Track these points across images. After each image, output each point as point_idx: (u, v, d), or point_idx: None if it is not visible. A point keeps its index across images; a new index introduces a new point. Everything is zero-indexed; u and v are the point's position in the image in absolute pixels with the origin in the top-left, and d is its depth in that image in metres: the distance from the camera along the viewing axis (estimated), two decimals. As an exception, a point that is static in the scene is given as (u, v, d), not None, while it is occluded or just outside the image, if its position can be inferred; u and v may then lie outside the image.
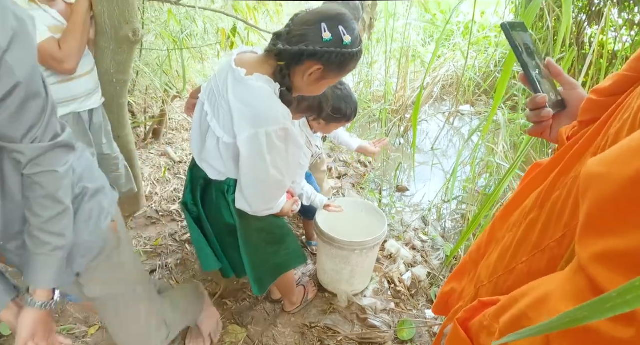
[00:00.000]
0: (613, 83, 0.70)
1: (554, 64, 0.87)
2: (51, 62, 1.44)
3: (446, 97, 4.30)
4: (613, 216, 0.40)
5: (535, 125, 0.87)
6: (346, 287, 1.99)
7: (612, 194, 0.40)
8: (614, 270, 0.38)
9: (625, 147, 0.42)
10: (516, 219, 0.88)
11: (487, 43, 4.40)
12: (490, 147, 2.72)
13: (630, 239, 0.37)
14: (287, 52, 1.09)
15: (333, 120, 1.69)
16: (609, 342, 0.37)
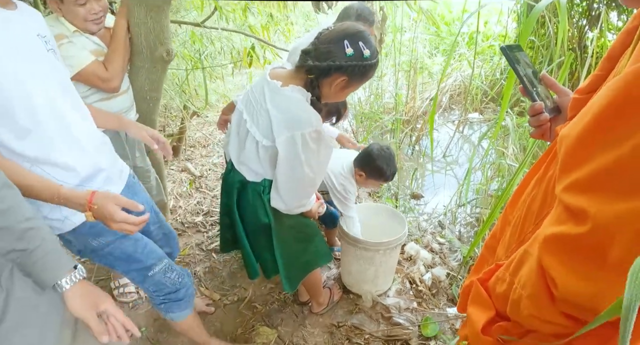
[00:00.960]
0: (589, 82, 0.85)
1: (547, 76, 1.03)
2: (98, 82, 1.57)
3: (455, 106, 4.41)
4: (574, 159, 0.60)
5: (536, 129, 1.02)
6: (370, 288, 2.06)
7: (572, 145, 0.60)
8: (575, 194, 0.58)
9: (580, 114, 0.62)
10: (522, 200, 1.01)
11: (491, 52, 4.53)
12: (500, 151, 2.80)
13: (579, 173, 0.57)
14: (317, 67, 1.27)
15: (372, 177, 1.94)
16: (575, 239, 0.57)
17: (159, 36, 1.68)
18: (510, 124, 2.84)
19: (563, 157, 0.64)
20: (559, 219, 0.62)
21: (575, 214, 0.58)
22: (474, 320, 0.89)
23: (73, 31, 1.56)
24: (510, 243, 1.04)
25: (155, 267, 1.38)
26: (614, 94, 0.56)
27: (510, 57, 1.01)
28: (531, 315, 0.69)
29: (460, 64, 4.42)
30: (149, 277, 1.37)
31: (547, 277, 0.63)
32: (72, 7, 1.50)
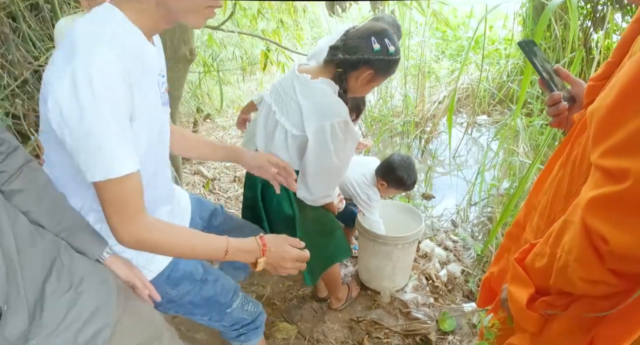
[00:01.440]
0: (603, 70, 0.93)
1: (562, 69, 1.09)
2: None
3: (462, 109, 4.45)
4: (607, 128, 0.66)
5: (554, 118, 1.08)
6: (388, 284, 2.09)
7: (603, 116, 0.67)
8: (612, 158, 0.65)
9: (607, 89, 0.69)
10: (548, 184, 1.06)
11: (497, 55, 4.58)
12: (511, 149, 2.84)
13: (614, 139, 0.64)
14: (347, 60, 1.36)
15: (393, 186, 2.01)
16: (619, 196, 0.63)
17: (182, 36, 1.73)
18: (520, 124, 2.88)
19: (596, 127, 0.70)
20: (597, 183, 0.67)
21: (615, 175, 0.64)
22: (516, 298, 0.92)
23: None
24: (540, 225, 1.07)
25: (233, 303, 1.30)
26: (636, 68, 0.63)
27: (528, 51, 1.08)
28: (580, 278, 0.73)
29: (467, 67, 4.48)
30: (227, 314, 1.30)
31: (595, 237, 0.68)
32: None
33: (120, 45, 0.82)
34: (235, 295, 1.30)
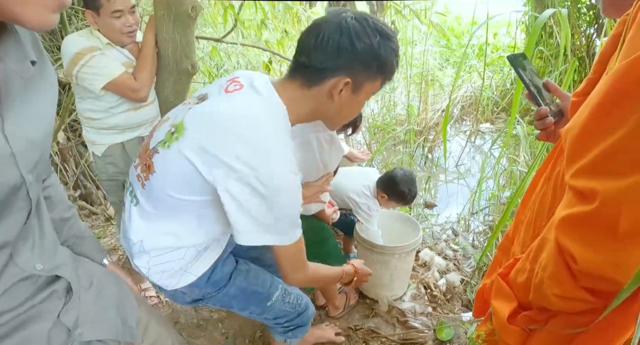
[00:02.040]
0: (584, 85, 0.98)
1: (551, 83, 1.12)
2: (128, 92, 1.67)
3: (466, 117, 4.46)
4: (579, 148, 0.69)
5: (542, 132, 1.10)
6: (386, 293, 2.10)
7: (576, 136, 0.70)
8: (582, 178, 0.67)
9: (580, 109, 0.72)
10: (533, 199, 1.08)
11: (501, 63, 4.59)
12: (512, 158, 2.85)
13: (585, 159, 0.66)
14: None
15: (394, 199, 2.04)
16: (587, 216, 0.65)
17: (184, 50, 1.78)
18: (521, 132, 2.89)
19: (569, 147, 0.72)
20: (569, 203, 0.70)
21: (585, 195, 0.66)
22: (499, 312, 0.94)
23: (105, 44, 1.67)
24: (525, 239, 1.10)
25: (273, 296, 1.28)
26: (606, 88, 0.66)
27: (516, 65, 1.09)
28: (554, 294, 0.75)
29: (470, 75, 4.50)
30: (267, 307, 1.29)
31: (566, 255, 0.70)
32: (108, 20, 1.61)
33: None
34: (273, 287, 1.28)
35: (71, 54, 1.60)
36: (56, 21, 0.58)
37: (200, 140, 0.92)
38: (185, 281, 1.13)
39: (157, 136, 1.03)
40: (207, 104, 0.98)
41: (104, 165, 1.84)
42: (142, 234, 1.08)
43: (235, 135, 0.90)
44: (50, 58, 2.46)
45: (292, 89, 1.00)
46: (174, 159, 0.96)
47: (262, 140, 0.91)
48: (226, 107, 0.94)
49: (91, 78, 1.63)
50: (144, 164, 1.03)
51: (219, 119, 0.93)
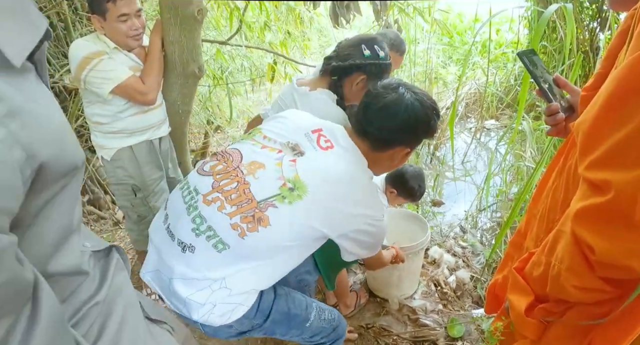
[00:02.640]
0: (594, 80, 0.99)
1: (561, 78, 1.12)
2: (136, 95, 1.69)
3: (471, 114, 4.45)
4: (591, 141, 0.70)
5: (552, 128, 1.11)
6: (396, 292, 2.10)
7: (588, 129, 0.71)
8: (596, 170, 0.68)
9: (591, 103, 0.72)
10: (546, 193, 1.08)
11: (505, 59, 4.58)
12: (519, 154, 2.84)
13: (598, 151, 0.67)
14: (340, 67, 1.45)
15: (402, 195, 2.04)
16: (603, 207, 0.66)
17: (191, 53, 1.79)
18: (527, 128, 2.88)
19: (581, 140, 0.73)
20: (584, 195, 0.71)
21: (599, 186, 0.67)
22: (515, 306, 0.95)
23: (112, 48, 1.68)
24: (539, 234, 1.09)
25: (310, 315, 1.30)
26: (617, 82, 0.67)
27: (526, 61, 1.09)
28: (573, 286, 0.76)
29: (474, 72, 4.49)
30: (307, 328, 1.30)
31: (583, 246, 0.71)
32: (114, 24, 1.63)
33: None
34: (309, 307, 1.30)
35: (79, 58, 1.62)
36: None
37: (325, 204, 1.09)
38: (237, 314, 1.11)
39: (260, 189, 1.09)
40: (314, 159, 1.13)
41: (113, 169, 1.85)
42: (226, 272, 1.08)
43: (352, 198, 1.13)
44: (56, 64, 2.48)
45: (363, 149, 1.21)
46: (297, 217, 1.07)
47: (369, 194, 1.18)
48: (337, 167, 1.13)
49: (99, 82, 1.64)
50: (251, 216, 1.06)
51: (337, 181, 1.11)
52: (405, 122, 1.15)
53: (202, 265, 1.08)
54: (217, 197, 1.11)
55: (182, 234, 1.12)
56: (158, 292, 1.16)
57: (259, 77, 3.43)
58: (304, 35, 4.08)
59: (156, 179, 1.93)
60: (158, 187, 1.95)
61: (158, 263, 1.16)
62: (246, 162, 1.14)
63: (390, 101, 1.16)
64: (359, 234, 1.17)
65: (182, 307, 1.10)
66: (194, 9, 1.71)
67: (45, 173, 0.47)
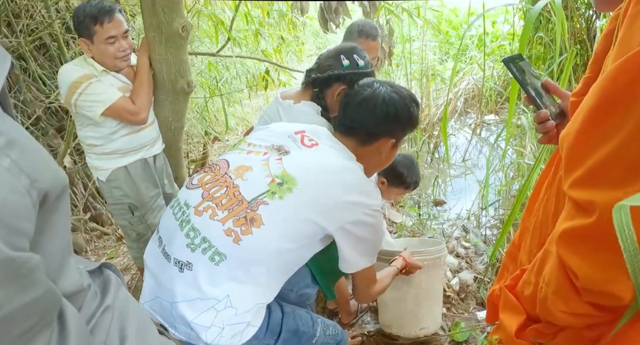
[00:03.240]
0: (582, 85, 0.93)
1: (550, 82, 1.07)
2: (127, 115, 1.69)
3: (470, 110, 4.42)
4: (575, 156, 0.66)
5: (543, 135, 1.06)
6: (413, 324, 1.78)
7: (571, 143, 0.66)
8: (580, 189, 0.64)
9: (575, 115, 0.69)
10: (537, 206, 1.05)
11: (502, 52, 4.54)
12: (519, 151, 2.82)
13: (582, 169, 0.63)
14: (320, 79, 1.47)
15: (394, 185, 1.92)
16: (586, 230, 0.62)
17: (179, 70, 1.79)
18: (526, 123, 2.85)
19: (565, 155, 0.69)
20: (569, 214, 0.67)
21: (583, 207, 0.63)
22: (506, 326, 0.92)
23: (101, 71, 1.69)
24: (532, 248, 1.06)
25: (317, 331, 1.28)
26: (600, 94, 0.63)
27: (513, 68, 1.04)
28: (560, 310, 0.72)
29: (471, 67, 4.45)
30: (313, 344, 1.28)
31: (568, 270, 0.67)
32: (102, 46, 1.63)
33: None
34: (315, 323, 1.28)
35: (68, 83, 1.63)
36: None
37: (315, 192, 1.09)
38: (248, 335, 1.08)
39: (249, 189, 1.09)
40: (300, 156, 1.15)
41: (109, 189, 1.86)
42: (228, 288, 1.05)
43: (342, 183, 1.11)
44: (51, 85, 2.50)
45: (350, 147, 1.22)
46: (290, 211, 1.06)
47: (361, 182, 1.15)
48: (324, 160, 1.15)
49: (90, 105, 1.65)
50: (243, 217, 1.06)
51: (325, 171, 1.12)
52: (385, 112, 1.18)
53: (203, 282, 1.05)
54: (208, 206, 1.10)
55: (177, 253, 1.10)
56: (160, 321, 1.12)
57: (255, 84, 3.44)
58: (298, 39, 4.07)
59: (153, 196, 1.94)
60: (155, 204, 1.95)
61: (157, 289, 1.13)
62: (233, 168, 1.15)
63: (368, 95, 1.20)
64: (358, 227, 1.11)
65: (190, 331, 1.07)
66: (178, 26, 1.71)
67: (47, 196, 0.50)
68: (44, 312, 0.43)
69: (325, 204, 1.09)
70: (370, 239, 1.17)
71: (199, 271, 1.06)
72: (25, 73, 2.56)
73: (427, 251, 1.73)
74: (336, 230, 1.10)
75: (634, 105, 0.58)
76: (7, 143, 0.44)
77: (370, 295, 1.34)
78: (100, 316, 0.65)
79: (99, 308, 0.66)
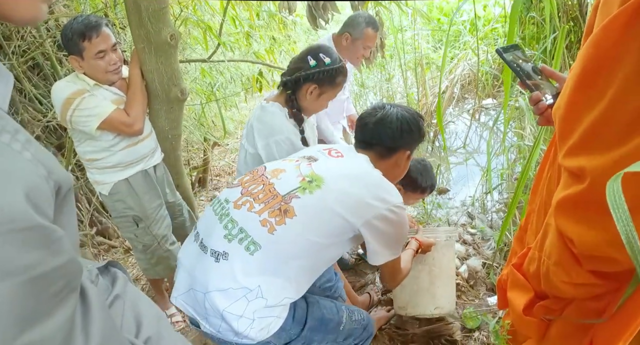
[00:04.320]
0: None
1: (546, 67, 1.10)
2: (122, 127, 1.70)
3: (467, 95, 4.40)
4: (567, 126, 0.67)
5: (541, 117, 1.08)
6: (428, 301, 1.80)
7: (563, 114, 0.68)
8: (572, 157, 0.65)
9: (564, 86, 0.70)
10: (542, 186, 1.05)
11: (495, 35, 4.51)
12: (519, 133, 2.80)
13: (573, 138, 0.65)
14: (289, 81, 1.57)
15: (409, 190, 1.93)
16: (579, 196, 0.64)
17: (171, 78, 1.80)
18: (524, 105, 2.84)
19: (558, 127, 0.70)
20: (565, 184, 0.69)
21: (576, 174, 0.65)
22: (514, 304, 0.92)
23: (93, 85, 1.70)
24: (538, 228, 1.07)
25: (343, 318, 1.34)
26: (584, 59, 0.64)
27: (505, 57, 1.08)
28: (562, 281, 0.73)
29: (465, 52, 4.43)
30: (341, 331, 1.33)
31: (565, 238, 0.69)
32: (92, 62, 1.64)
33: None
34: (340, 311, 1.35)
35: (61, 100, 1.64)
36: (46, 12, 0.57)
37: (341, 190, 1.19)
38: (275, 327, 1.14)
39: (283, 185, 1.21)
40: (328, 162, 1.29)
41: (113, 203, 1.87)
42: (260, 279, 1.11)
43: (365, 183, 1.22)
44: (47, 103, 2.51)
45: (371, 159, 1.35)
46: (319, 204, 1.16)
47: (383, 183, 1.26)
48: (347, 165, 1.30)
49: (85, 120, 1.66)
50: (277, 209, 1.16)
51: (350, 173, 1.25)
52: (400, 128, 1.33)
53: (237, 271, 1.12)
54: (246, 200, 1.21)
55: (214, 244, 1.17)
56: (192, 314, 1.18)
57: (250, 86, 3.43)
58: (289, 38, 4.07)
59: (156, 207, 1.95)
60: (159, 215, 1.96)
61: (191, 282, 1.19)
62: (269, 170, 1.30)
63: (382, 116, 1.34)
64: (382, 222, 1.19)
65: (220, 322, 1.12)
66: (167, 35, 1.71)
67: (60, 189, 0.53)
68: (70, 277, 0.47)
69: (351, 201, 1.18)
70: (394, 234, 1.25)
71: (235, 261, 1.13)
72: (20, 94, 2.58)
73: (437, 230, 1.84)
74: (362, 225, 1.18)
75: (617, 67, 0.58)
76: (27, 140, 0.48)
77: (397, 282, 1.46)
78: (112, 303, 0.69)
79: (109, 297, 0.71)
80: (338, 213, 1.16)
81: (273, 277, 1.12)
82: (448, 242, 1.83)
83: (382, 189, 1.23)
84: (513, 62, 1.06)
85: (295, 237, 1.14)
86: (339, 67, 1.55)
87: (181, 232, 2.22)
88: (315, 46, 1.59)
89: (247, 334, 1.09)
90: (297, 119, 1.61)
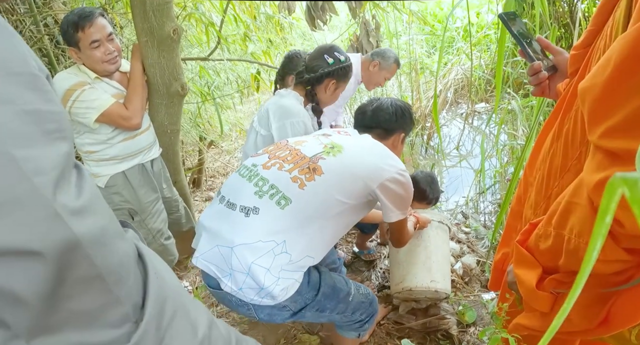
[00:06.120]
0: (584, 38, 0.94)
1: (543, 39, 1.11)
2: (120, 121, 1.71)
3: (461, 100, 4.46)
4: (604, 107, 0.65)
5: (536, 88, 1.09)
6: (424, 274, 1.83)
7: (599, 94, 0.66)
8: (614, 139, 0.64)
9: (598, 66, 0.68)
10: (541, 159, 1.06)
11: (488, 41, 4.59)
12: (511, 134, 2.85)
13: (616, 117, 0.63)
14: (313, 78, 1.74)
15: (416, 200, 2.05)
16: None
17: (172, 73, 1.81)
18: (517, 107, 2.90)
19: (592, 106, 0.68)
20: (601, 164, 0.66)
21: (620, 156, 0.63)
22: (525, 280, 0.91)
23: (94, 78, 1.70)
24: (538, 201, 1.07)
25: (351, 289, 1.42)
26: (633, 43, 0.62)
27: (508, 23, 1.08)
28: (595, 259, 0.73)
29: (459, 58, 4.50)
30: (350, 302, 1.40)
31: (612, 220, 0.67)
32: (88, 52, 1.64)
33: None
34: (347, 282, 1.44)
35: (62, 91, 1.64)
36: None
37: (357, 157, 1.32)
38: (293, 289, 1.20)
39: (308, 149, 1.32)
40: (342, 137, 1.42)
41: (109, 195, 1.87)
42: (287, 235, 1.17)
43: (378, 153, 1.37)
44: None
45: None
46: (342, 166, 1.27)
47: (389, 152, 1.39)
48: (358, 140, 1.42)
49: (84, 112, 1.66)
50: (307, 167, 1.26)
51: (362, 145, 1.39)
52: (395, 112, 1.51)
53: (267, 224, 1.17)
54: (275, 162, 1.30)
55: (244, 200, 1.23)
56: (214, 272, 1.19)
57: (246, 88, 3.46)
58: (286, 41, 4.10)
59: (152, 201, 1.95)
60: (154, 209, 1.96)
61: (215, 239, 1.21)
62: (292, 141, 1.41)
63: (378, 104, 1.53)
64: (394, 184, 1.31)
65: (245, 277, 1.13)
66: (169, 30, 1.73)
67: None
68: (63, 125, 0.48)
69: (367, 166, 1.30)
70: (404, 195, 1.37)
71: (265, 215, 1.19)
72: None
73: (432, 212, 1.98)
74: (378, 187, 1.28)
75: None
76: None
77: (403, 241, 1.59)
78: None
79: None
80: (358, 176, 1.27)
81: (298, 235, 1.18)
82: (441, 226, 1.96)
83: (389, 157, 1.37)
84: (514, 29, 1.06)
85: (323, 193, 1.22)
86: (350, 63, 1.77)
87: (177, 227, 2.22)
88: (328, 46, 1.77)
89: (272, 290, 1.13)
90: (317, 111, 1.80)
